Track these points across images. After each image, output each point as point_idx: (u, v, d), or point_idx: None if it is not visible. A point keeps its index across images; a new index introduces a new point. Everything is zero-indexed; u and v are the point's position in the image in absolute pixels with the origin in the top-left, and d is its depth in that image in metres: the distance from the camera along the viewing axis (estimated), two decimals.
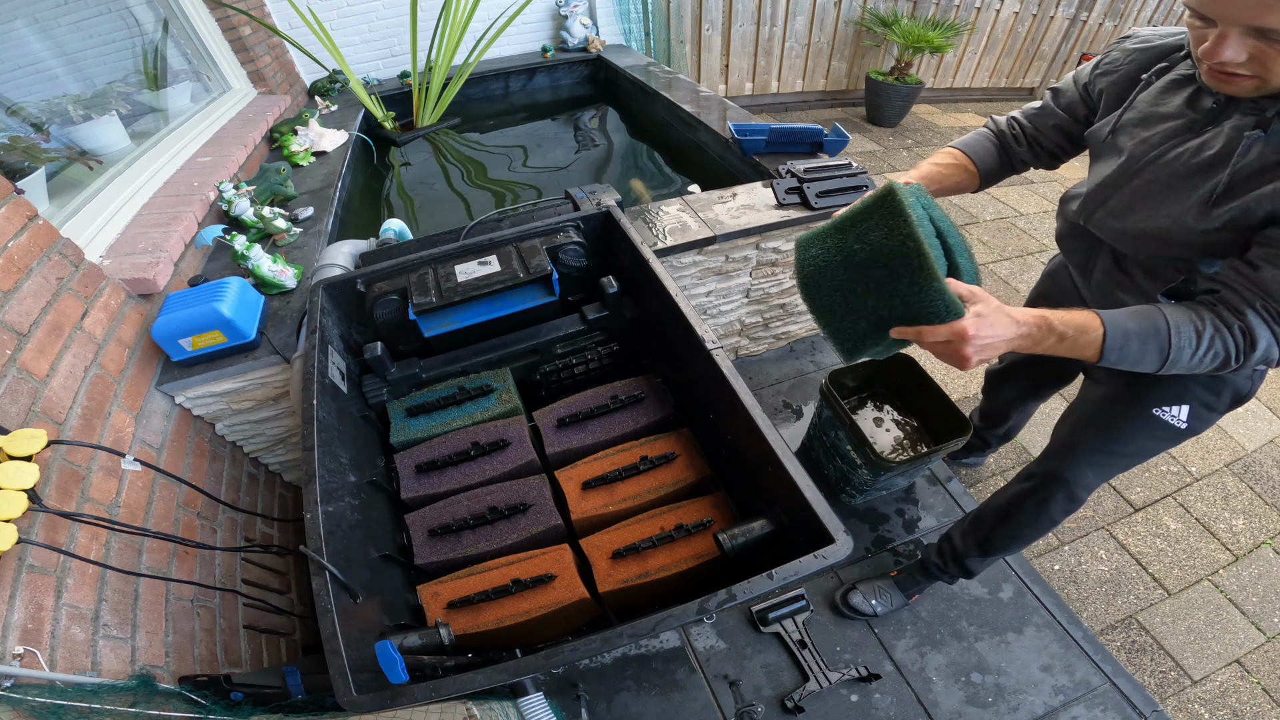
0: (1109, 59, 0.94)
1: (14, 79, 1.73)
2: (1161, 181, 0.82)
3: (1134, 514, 1.83)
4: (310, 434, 0.95)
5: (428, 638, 0.86)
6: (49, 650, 0.82)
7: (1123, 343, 0.73)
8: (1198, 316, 0.73)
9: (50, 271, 1.09)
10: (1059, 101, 1.02)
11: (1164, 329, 0.72)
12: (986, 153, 1.08)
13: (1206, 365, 0.74)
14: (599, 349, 1.45)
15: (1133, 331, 0.73)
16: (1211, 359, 0.73)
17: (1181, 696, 1.46)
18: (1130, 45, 0.92)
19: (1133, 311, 0.75)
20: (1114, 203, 0.89)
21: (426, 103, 2.83)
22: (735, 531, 0.94)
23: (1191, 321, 0.73)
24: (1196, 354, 0.73)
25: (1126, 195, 0.87)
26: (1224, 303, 0.74)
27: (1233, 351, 0.72)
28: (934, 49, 3.87)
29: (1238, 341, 0.72)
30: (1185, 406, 0.99)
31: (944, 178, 1.06)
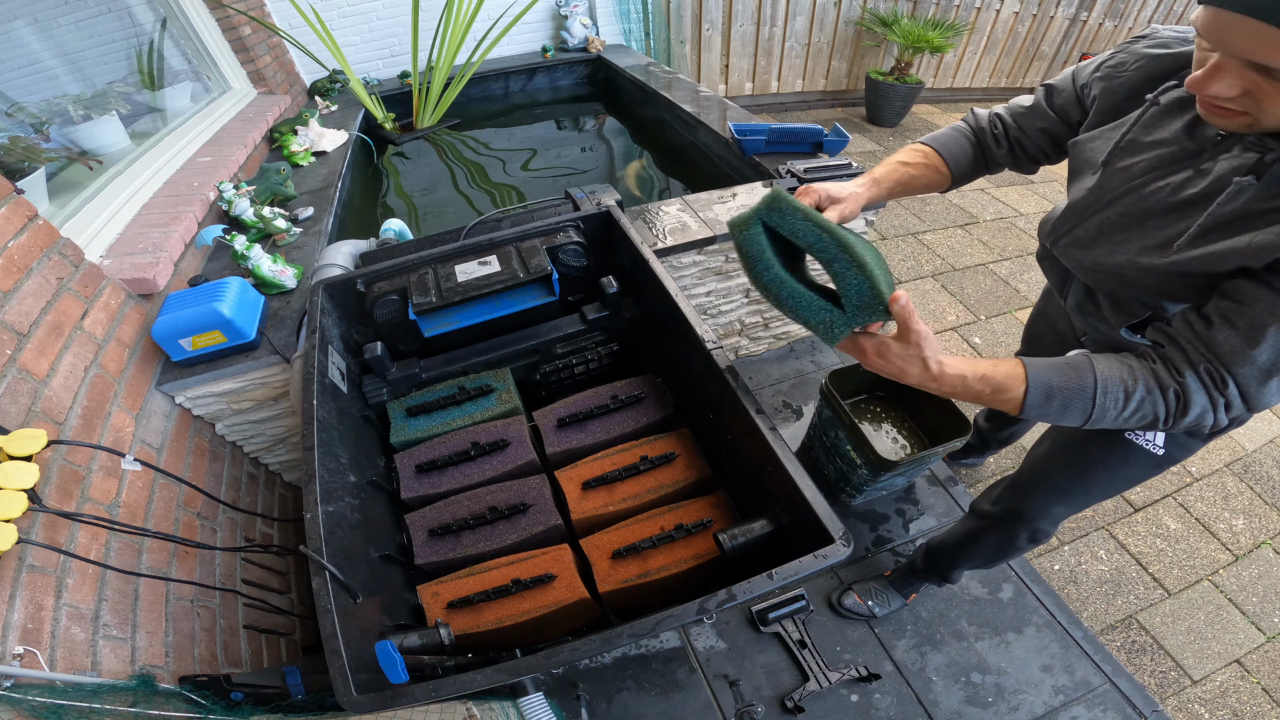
0: (1114, 61, 0.83)
1: (14, 79, 1.73)
2: (1133, 216, 0.75)
3: (1134, 514, 1.83)
4: (310, 434, 0.95)
5: (428, 638, 0.86)
6: (49, 650, 0.82)
7: (1043, 402, 0.70)
8: (1131, 376, 0.68)
9: (50, 271, 1.09)
10: (1053, 102, 0.92)
11: (1090, 388, 0.68)
12: (961, 151, 0.99)
13: (1133, 424, 0.70)
14: (599, 349, 1.45)
15: (1056, 388, 0.69)
16: (1138, 420, 0.69)
17: (1181, 696, 1.46)
18: (1143, 48, 0.79)
19: (1062, 365, 0.71)
20: (1080, 232, 0.83)
21: (427, 103, 2.83)
22: (735, 531, 0.94)
23: (1122, 381, 0.68)
24: (1122, 415, 0.68)
25: (1094, 226, 0.80)
26: (1166, 360, 0.68)
27: (1161, 415, 0.67)
28: (934, 49, 3.87)
29: (1169, 406, 0.67)
30: (1162, 432, 0.93)
31: (910, 179, 0.98)
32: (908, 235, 3.07)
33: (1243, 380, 0.64)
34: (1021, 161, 0.99)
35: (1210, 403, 0.66)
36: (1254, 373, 0.63)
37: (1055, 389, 0.69)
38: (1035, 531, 1.14)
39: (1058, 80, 0.92)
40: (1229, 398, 0.65)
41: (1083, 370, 0.69)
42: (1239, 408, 0.66)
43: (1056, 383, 0.69)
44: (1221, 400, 0.65)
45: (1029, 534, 1.15)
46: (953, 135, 1.01)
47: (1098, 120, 0.83)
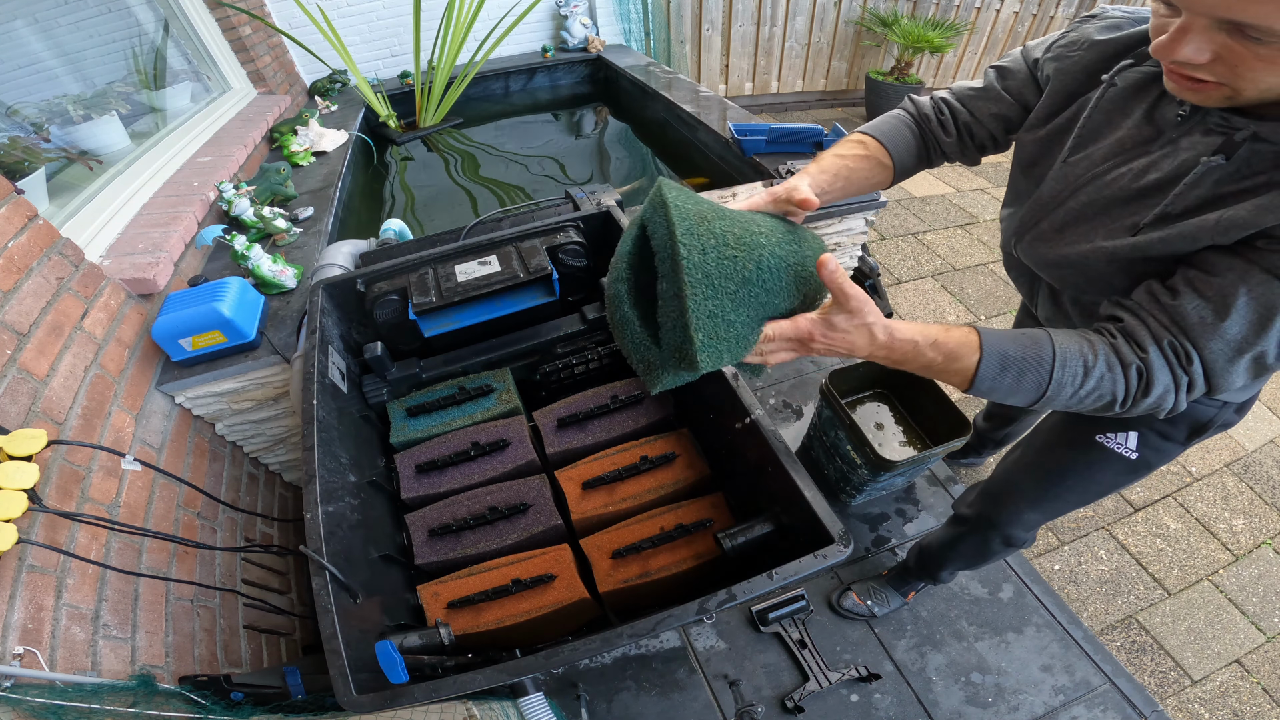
0: (1066, 39, 0.78)
1: (14, 79, 1.73)
2: (1096, 205, 0.70)
3: (1134, 514, 1.83)
4: (310, 434, 0.95)
5: (428, 638, 0.86)
6: (49, 650, 0.82)
7: (997, 372, 0.62)
8: (1090, 350, 0.61)
9: (50, 271, 1.09)
10: (1006, 84, 0.84)
11: (1048, 360, 0.61)
12: (904, 143, 0.89)
13: (1086, 406, 0.63)
14: (599, 349, 1.45)
15: (1012, 358, 0.62)
16: (1095, 400, 0.62)
17: (1181, 696, 1.46)
18: (1093, 29, 0.76)
19: (1019, 334, 0.64)
20: (1044, 226, 0.77)
21: (430, 103, 2.83)
22: (735, 531, 0.94)
23: (1082, 355, 0.61)
24: (1079, 392, 0.62)
25: (1058, 218, 0.75)
26: (1126, 334, 0.62)
27: (1120, 394, 0.61)
28: (934, 49, 3.87)
29: (1130, 384, 0.60)
30: (1133, 434, 0.89)
31: (849, 172, 0.86)
32: (908, 235, 3.07)
33: (1210, 356, 0.58)
34: (968, 150, 0.91)
35: (1173, 381, 0.60)
36: (1223, 347, 0.58)
37: (1011, 359, 0.62)
38: (1008, 537, 1.13)
39: (1008, 61, 0.85)
40: (1192, 376, 0.59)
41: (1040, 341, 0.62)
42: (1200, 388, 0.60)
43: (1013, 352, 0.62)
44: (1185, 379, 0.60)
45: (1002, 539, 1.14)
46: (894, 124, 0.91)
47: (1051, 104, 0.78)
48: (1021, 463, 1.07)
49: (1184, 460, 1.97)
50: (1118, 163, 0.69)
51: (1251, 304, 0.56)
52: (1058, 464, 1.00)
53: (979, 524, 1.17)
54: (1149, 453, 0.91)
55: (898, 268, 2.84)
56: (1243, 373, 0.59)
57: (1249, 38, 0.49)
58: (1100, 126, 0.72)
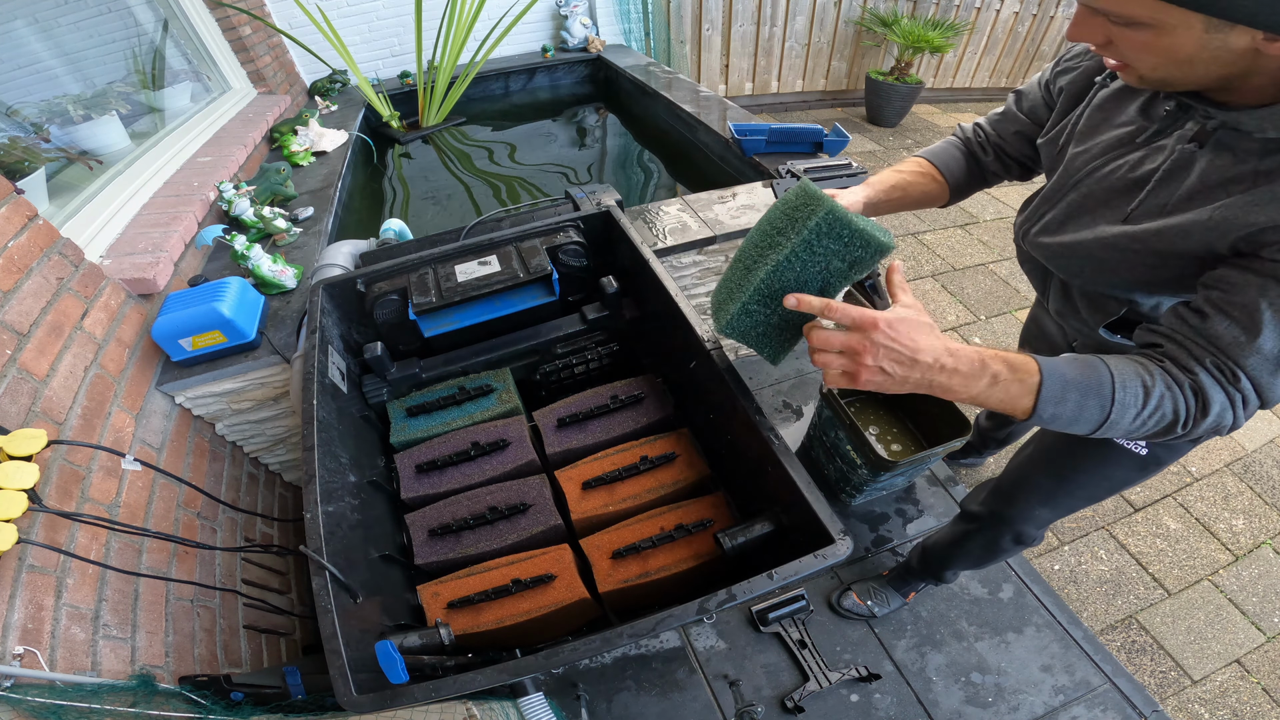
0: (1072, 52, 0.84)
1: (14, 79, 1.73)
2: (1095, 196, 0.74)
3: (1134, 514, 1.83)
4: (310, 434, 0.95)
5: (428, 638, 0.86)
6: (49, 650, 0.82)
7: (1060, 395, 0.60)
8: (1146, 372, 0.60)
9: (50, 271, 1.09)
10: (1021, 105, 0.92)
11: (1107, 383, 0.59)
12: (955, 162, 0.99)
13: (1149, 429, 0.62)
14: (599, 349, 1.45)
15: (1071, 382, 0.60)
16: (1156, 422, 0.61)
17: (1181, 696, 1.46)
18: None
19: (1074, 359, 0.62)
20: (1049, 219, 0.81)
21: (432, 102, 2.83)
22: (735, 531, 0.94)
23: (1139, 375, 0.60)
24: (1141, 415, 0.60)
25: (1061, 210, 0.79)
26: (1171, 358, 0.62)
27: (1183, 415, 0.60)
28: (934, 49, 3.87)
29: (1189, 403, 0.60)
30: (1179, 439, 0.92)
31: (906, 184, 0.96)
32: (908, 235, 3.07)
33: (1253, 372, 0.58)
34: (1011, 168, 0.98)
35: (1228, 399, 0.59)
36: (1263, 363, 0.58)
37: (1071, 380, 0.60)
38: (1020, 534, 1.14)
39: (1024, 85, 0.93)
40: (1244, 392, 0.59)
41: (1095, 365, 0.61)
42: (1255, 402, 0.60)
43: (1071, 375, 0.60)
44: (1238, 395, 0.59)
45: (1013, 536, 1.15)
46: (945, 147, 1.01)
47: (1061, 109, 0.83)
48: (1034, 460, 1.07)
49: (1184, 460, 1.97)
50: (1115, 156, 0.73)
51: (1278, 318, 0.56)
52: (1071, 461, 1.01)
53: (991, 521, 1.17)
54: (1159, 449, 0.91)
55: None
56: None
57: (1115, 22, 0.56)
58: (1098, 123, 0.76)
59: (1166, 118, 0.68)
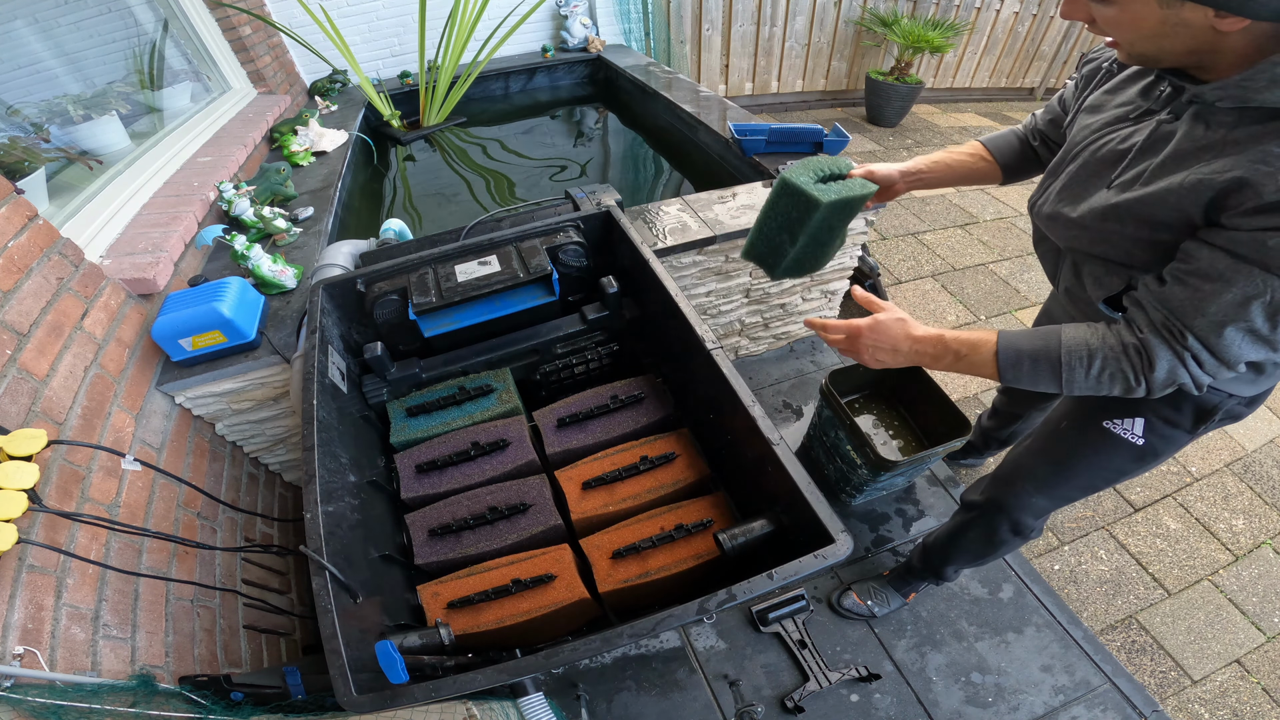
0: (1096, 47, 0.93)
1: (14, 79, 1.73)
2: (1089, 167, 0.80)
3: (1134, 514, 1.83)
4: (310, 434, 0.95)
5: (428, 638, 0.86)
6: (49, 650, 0.82)
7: (1015, 361, 0.75)
8: (1094, 336, 0.72)
9: (50, 271, 1.09)
10: (1060, 98, 1.01)
11: (1055, 349, 0.74)
12: (1008, 146, 1.09)
13: (1106, 386, 0.73)
14: (599, 349, 1.45)
15: (1024, 351, 0.75)
16: (1109, 379, 0.72)
17: (1181, 696, 1.46)
18: None
19: (1033, 332, 0.77)
20: (1053, 190, 0.87)
21: (434, 102, 2.83)
22: (735, 531, 0.94)
23: (1085, 343, 0.72)
24: (1090, 374, 0.72)
25: (1061, 182, 0.85)
26: (1128, 321, 0.72)
27: (1130, 373, 0.70)
28: (934, 49, 3.87)
29: (1134, 362, 0.69)
30: (1139, 420, 0.93)
31: (954, 161, 1.09)
32: (908, 235, 3.07)
33: (1199, 332, 0.66)
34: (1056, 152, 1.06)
35: (1176, 356, 0.67)
36: (1207, 324, 0.65)
37: (1023, 350, 0.75)
38: (1017, 524, 1.15)
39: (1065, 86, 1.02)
40: (1193, 350, 0.66)
41: (1049, 335, 0.75)
42: (1210, 361, 0.67)
43: (1024, 345, 0.75)
44: (1187, 354, 0.67)
45: (1010, 525, 1.16)
46: (1003, 133, 1.11)
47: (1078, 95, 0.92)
48: (1032, 449, 1.10)
49: (1184, 460, 1.97)
50: (1110, 130, 0.79)
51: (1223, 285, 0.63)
52: (1067, 449, 1.03)
53: (988, 508, 1.18)
54: (1156, 440, 0.93)
55: (898, 268, 2.84)
56: (1242, 344, 0.65)
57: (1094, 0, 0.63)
58: (1103, 104, 0.83)
59: (1162, 98, 0.74)
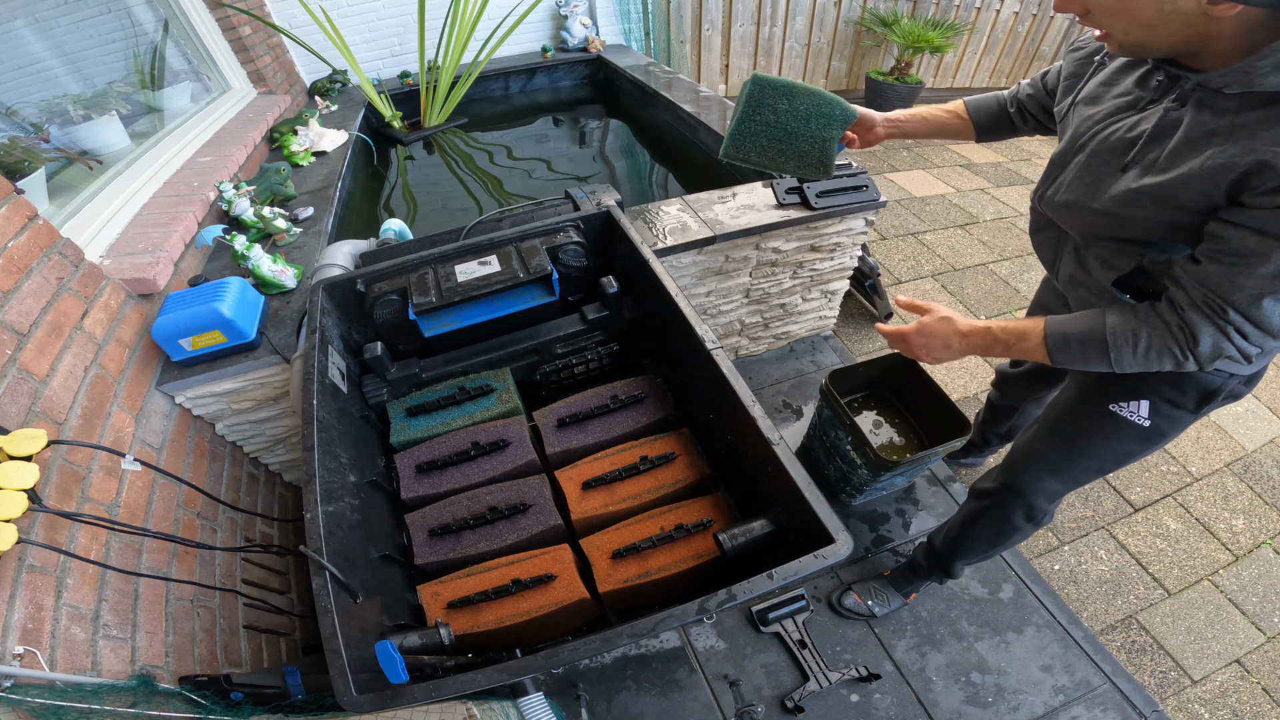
0: (1083, 37, 0.95)
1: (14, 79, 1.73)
2: (1100, 157, 0.82)
3: (1134, 514, 1.83)
4: (310, 434, 0.95)
5: (428, 638, 0.86)
6: (49, 650, 0.82)
7: (1064, 345, 0.81)
8: (1136, 317, 0.76)
9: (50, 271, 1.09)
10: (1045, 78, 1.06)
11: (1101, 332, 0.78)
12: (986, 108, 1.16)
13: (1155, 363, 0.76)
14: (599, 349, 1.45)
15: (1072, 335, 0.80)
16: (1158, 355, 0.75)
17: (1181, 696, 1.46)
18: None
19: (1078, 316, 0.81)
20: (1060, 180, 0.90)
21: (434, 102, 2.83)
22: (735, 531, 0.94)
23: (1129, 323, 0.76)
24: (1138, 352, 0.76)
25: (1071, 172, 0.87)
26: (1169, 300, 0.75)
27: (1176, 349, 0.73)
28: (934, 49, 3.87)
29: (1178, 339, 0.73)
30: (1144, 402, 0.96)
31: (933, 116, 1.18)
32: (908, 235, 3.07)
33: (1240, 304, 0.68)
34: (1029, 122, 1.12)
35: (1219, 330, 0.70)
36: (1246, 297, 0.68)
37: (1070, 334, 0.80)
38: (1031, 509, 1.16)
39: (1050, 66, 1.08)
40: (1236, 323, 0.69)
41: (1095, 318, 0.80)
42: (1254, 332, 0.69)
43: (1071, 329, 0.80)
44: (1230, 327, 0.70)
45: (1025, 511, 1.16)
46: (985, 96, 1.17)
47: (1067, 84, 0.96)
48: (1041, 434, 1.11)
49: (1184, 460, 1.97)
50: (1114, 120, 0.82)
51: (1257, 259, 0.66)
52: (1075, 433, 1.05)
53: (1003, 494, 1.19)
54: (1161, 421, 0.96)
55: (898, 268, 2.84)
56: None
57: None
58: (1100, 94, 0.86)
59: (1158, 87, 0.77)
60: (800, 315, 2.18)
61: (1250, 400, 2.17)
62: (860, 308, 2.53)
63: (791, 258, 1.89)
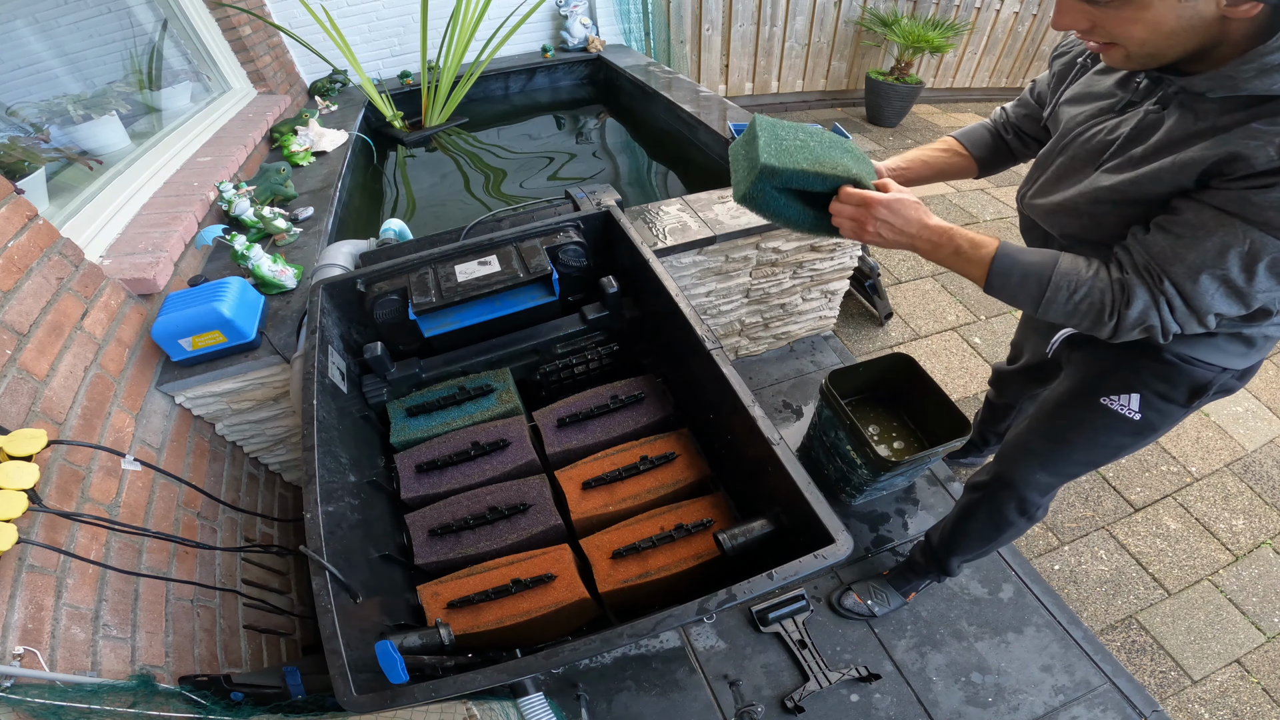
0: (1065, 41, 0.96)
1: (14, 79, 1.73)
2: (1080, 158, 0.83)
3: (1134, 514, 1.83)
4: (310, 434, 0.95)
5: (428, 638, 0.86)
6: (49, 650, 0.82)
7: (1008, 269, 0.78)
8: (1087, 266, 0.76)
9: (50, 271, 1.09)
10: (1033, 91, 1.04)
11: (1049, 267, 0.77)
12: (981, 140, 1.11)
13: (1081, 313, 0.76)
14: (599, 349, 1.45)
15: (1020, 264, 0.78)
16: (1087, 307, 0.75)
17: (1181, 696, 1.46)
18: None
19: (1031, 250, 0.80)
20: (1042, 181, 0.90)
21: (435, 102, 2.84)
22: (735, 531, 0.94)
23: (1078, 267, 0.76)
24: (1072, 298, 0.75)
25: (1052, 173, 0.88)
26: (1116, 259, 0.76)
27: (1108, 304, 0.74)
28: (934, 49, 3.87)
29: (1114, 294, 0.73)
30: (1135, 395, 0.96)
31: (930, 158, 1.11)
32: None
33: (1175, 277, 0.69)
34: (1030, 145, 1.08)
35: (1151, 298, 0.71)
36: (1184, 270, 0.69)
37: (1020, 260, 0.78)
38: (1023, 501, 1.16)
39: (1040, 75, 1.05)
40: (1167, 294, 0.70)
41: (1046, 257, 0.78)
42: (1182, 307, 0.71)
43: (1023, 257, 0.79)
44: (1162, 298, 0.71)
45: (1016, 503, 1.17)
46: (974, 127, 1.14)
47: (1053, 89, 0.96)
48: (1032, 428, 1.12)
49: (1184, 460, 1.97)
50: (1097, 122, 0.82)
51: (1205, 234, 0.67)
52: (1066, 425, 1.05)
53: (994, 486, 1.19)
54: (1152, 414, 0.96)
55: (897, 268, 2.84)
56: (1215, 294, 0.69)
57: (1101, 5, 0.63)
58: (1081, 96, 0.87)
59: (1139, 90, 0.78)
60: (800, 315, 2.18)
61: (1250, 400, 2.17)
62: (860, 308, 2.53)
63: (791, 257, 1.89)
